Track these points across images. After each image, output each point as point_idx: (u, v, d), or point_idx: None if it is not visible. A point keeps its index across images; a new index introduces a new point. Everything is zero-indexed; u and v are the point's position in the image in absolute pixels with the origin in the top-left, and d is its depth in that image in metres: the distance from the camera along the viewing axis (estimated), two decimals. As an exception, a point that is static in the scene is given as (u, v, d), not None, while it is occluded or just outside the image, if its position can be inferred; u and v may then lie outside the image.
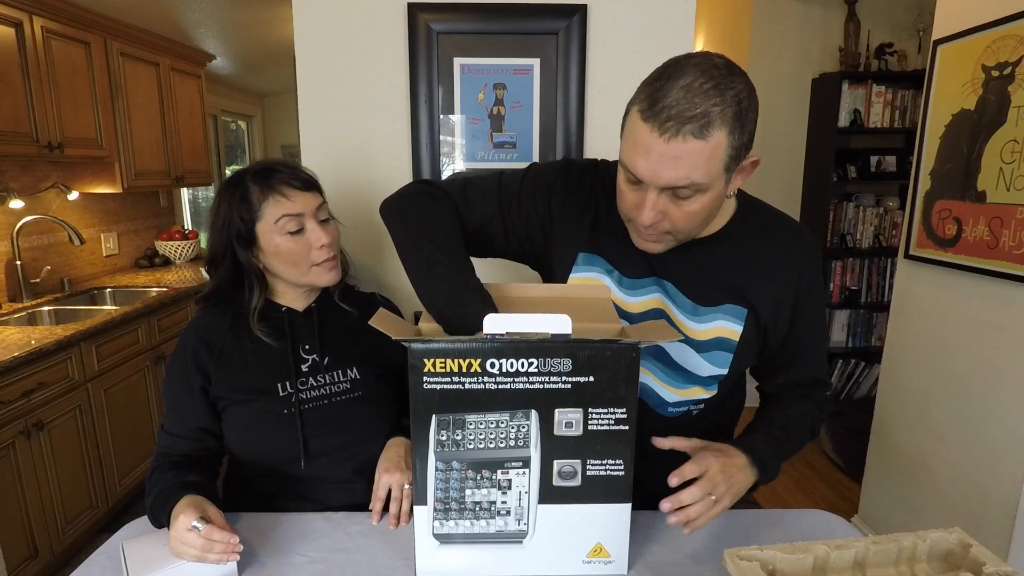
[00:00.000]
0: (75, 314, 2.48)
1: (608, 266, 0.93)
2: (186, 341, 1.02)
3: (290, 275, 1.03)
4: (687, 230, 0.82)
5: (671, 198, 0.77)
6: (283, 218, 0.98)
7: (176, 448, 1.00)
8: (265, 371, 1.01)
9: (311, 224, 1.01)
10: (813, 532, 0.91)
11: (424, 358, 0.72)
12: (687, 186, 0.74)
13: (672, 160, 0.72)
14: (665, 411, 0.95)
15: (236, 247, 1.00)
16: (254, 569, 0.83)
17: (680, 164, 0.72)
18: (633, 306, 0.92)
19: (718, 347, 0.90)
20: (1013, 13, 1.59)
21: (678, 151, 0.71)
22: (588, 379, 0.74)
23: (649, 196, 0.77)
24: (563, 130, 1.50)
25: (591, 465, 0.77)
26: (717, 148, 0.72)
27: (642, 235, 0.84)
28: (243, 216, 0.99)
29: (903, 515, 2.06)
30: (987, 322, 1.72)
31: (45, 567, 1.99)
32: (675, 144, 0.71)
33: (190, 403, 1.00)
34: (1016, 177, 1.58)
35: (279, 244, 0.99)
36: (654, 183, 0.75)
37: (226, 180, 1.04)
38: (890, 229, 3.13)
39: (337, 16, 1.44)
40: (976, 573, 0.67)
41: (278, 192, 0.99)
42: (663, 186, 0.75)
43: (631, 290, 0.92)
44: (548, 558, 0.80)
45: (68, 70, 2.49)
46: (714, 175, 0.74)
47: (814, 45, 3.12)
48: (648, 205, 0.77)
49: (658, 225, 0.80)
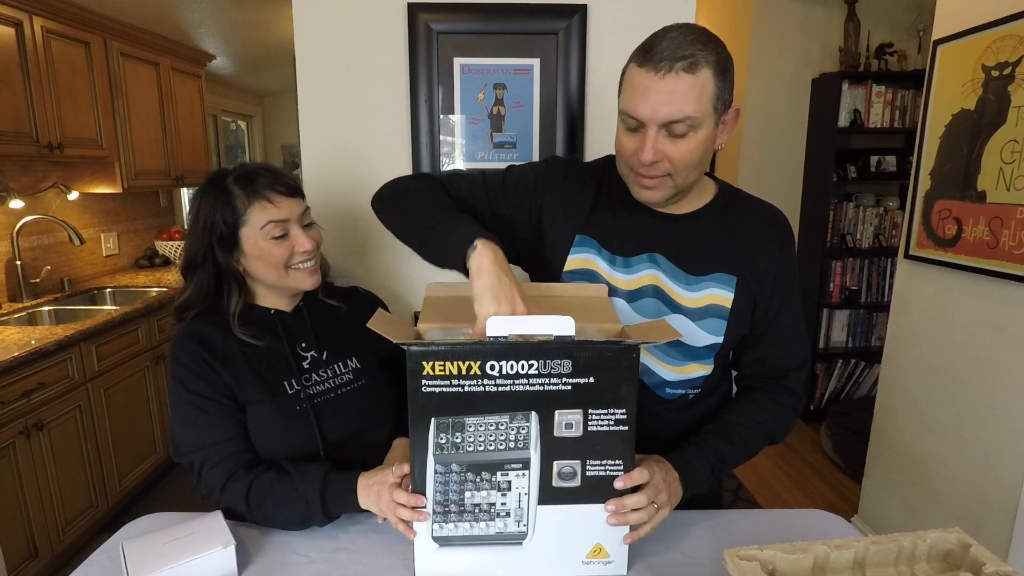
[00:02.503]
0: (75, 314, 2.48)
1: (601, 247, 0.97)
2: (184, 354, 0.98)
3: (270, 278, 1.02)
4: (684, 171, 0.86)
5: (668, 136, 0.84)
6: (269, 224, 0.98)
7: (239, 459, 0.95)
8: (270, 371, 1.01)
9: (295, 230, 1.01)
10: (813, 532, 0.91)
11: (423, 361, 0.72)
12: (682, 119, 0.81)
13: (668, 95, 0.81)
14: (663, 392, 0.97)
15: (217, 251, 0.99)
16: (254, 569, 0.83)
17: (675, 98, 0.81)
18: (628, 283, 0.95)
19: (712, 314, 0.93)
20: (1013, 13, 1.59)
21: (672, 86, 0.80)
22: (588, 380, 0.74)
23: (649, 135, 0.83)
24: (563, 130, 1.50)
25: (591, 466, 0.77)
26: (705, 85, 0.81)
27: (643, 181, 0.88)
28: (227, 220, 0.98)
29: (903, 515, 2.06)
30: (987, 322, 1.72)
31: (45, 567, 1.99)
32: (669, 80, 0.80)
33: (220, 413, 0.97)
34: (1016, 177, 1.58)
35: (263, 248, 0.99)
36: (653, 120, 0.82)
37: (205, 182, 1.01)
38: (890, 229, 3.13)
39: (337, 16, 1.44)
40: (976, 573, 0.67)
41: (264, 198, 0.98)
42: (661, 122, 0.82)
43: (625, 268, 0.95)
44: (548, 559, 0.80)
45: (68, 70, 2.49)
46: (704, 112, 0.82)
47: (814, 45, 3.12)
48: (648, 144, 0.84)
49: (658, 165, 0.85)
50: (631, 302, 0.95)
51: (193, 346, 0.98)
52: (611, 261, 0.96)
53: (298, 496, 0.89)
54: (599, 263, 0.96)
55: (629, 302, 0.95)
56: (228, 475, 0.93)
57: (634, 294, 0.95)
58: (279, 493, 0.90)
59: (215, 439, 0.95)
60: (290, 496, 0.90)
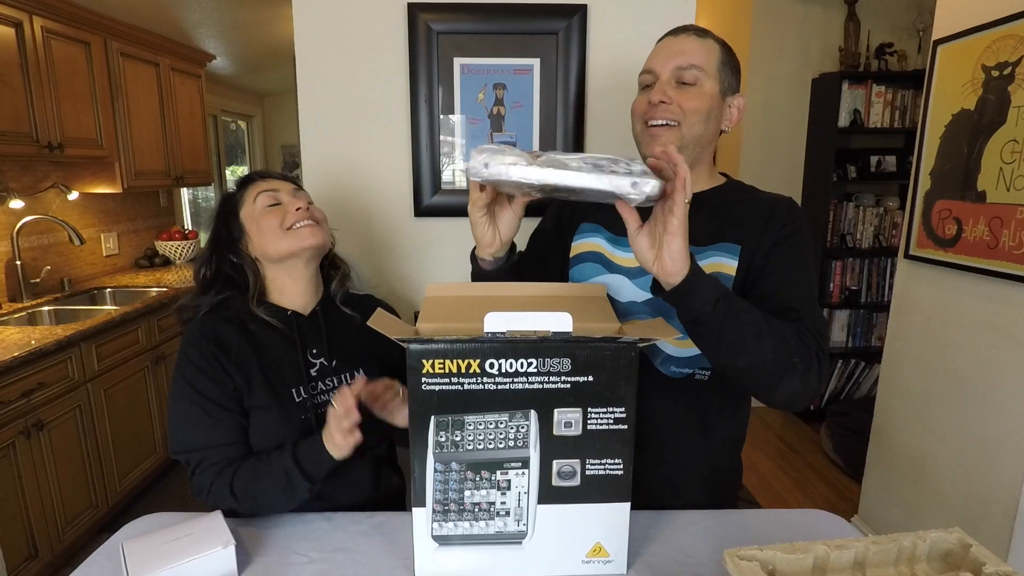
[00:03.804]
0: (75, 314, 2.48)
1: (605, 230, 1.03)
2: (199, 354, 0.97)
3: (273, 246, 1.02)
4: (692, 119, 0.91)
5: (678, 86, 0.92)
6: (260, 194, 1.05)
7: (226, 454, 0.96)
8: (279, 377, 1.01)
9: (287, 197, 1.06)
10: (813, 532, 0.91)
11: (423, 359, 0.72)
12: (689, 67, 0.91)
13: (679, 48, 0.93)
14: (668, 369, 0.96)
15: (224, 248, 1.05)
16: (254, 569, 0.83)
17: (684, 53, 0.92)
18: (631, 261, 0.97)
19: None
20: (1013, 13, 1.59)
21: (683, 45, 0.93)
22: (587, 379, 0.74)
23: (661, 80, 0.93)
24: (563, 130, 1.50)
25: (590, 465, 0.77)
26: (713, 51, 0.93)
27: (652, 131, 0.93)
28: (228, 219, 1.06)
29: (903, 515, 2.06)
30: (987, 322, 1.72)
31: (45, 567, 1.99)
32: (680, 39, 0.93)
33: (223, 417, 0.97)
34: (1016, 177, 1.58)
35: (259, 219, 1.04)
36: (665, 68, 0.92)
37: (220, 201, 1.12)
38: (890, 229, 3.14)
39: (337, 16, 1.44)
40: (976, 573, 0.67)
41: (258, 180, 1.08)
42: (672, 68, 0.92)
43: (629, 247, 0.92)
44: (547, 558, 0.80)
45: (68, 70, 2.49)
46: (711, 69, 0.92)
47: (814, 45, 3.13)
48: (659, 88, 0.92)
49: (668, 108, 0.91)
50: (633, 279, 0.96)
51: (210, 347, 0.97)
52: (614, 242, 1.01)
53: (276, 470, 0.92)
54: (603, 244, 1.01)
55: (633, 279, 0.96)
56: (218, 473, 0.94)
57: (637, 270, 0.96)
58: (259, 474, 0.93)
59: (215, 441, 0.95)
60: (269, 473, 0.92)
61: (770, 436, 3.16)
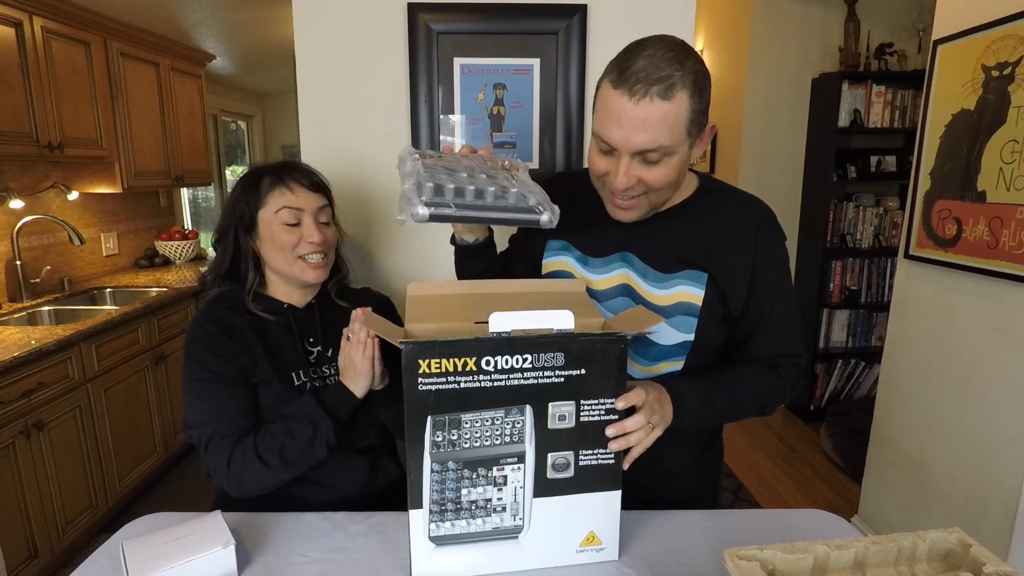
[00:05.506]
0: (75, 314, 2.48)
1: (575, 249, 1.01)
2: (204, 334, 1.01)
3: (278, 263, 1.06)
4: (660, 191, 0.87)
5: (642, 163, 0.83)
6: (283, 209, 1.03)
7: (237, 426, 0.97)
8: (280, 360, 1.04)
9: (308, 221, 1.05)
10: (813, 532, 0.91)
11: (419, 359, 0.72)
12: (655, 149, 0.81)
13: (641, 124, 0.79)
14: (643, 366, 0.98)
15: (239, 230, 1.06)
16: (254, 569, 0.83)
17: (648, 128, 0.79)
18: (600, 283, 0.97)
19: (682, 312, 0.93)
20: (1013, 13, 1.59)
21: (646, 114, 0.78)
22: (580, 372, 0.75)
23: (622, 162, 0.83)
24: (563, 130, 1.50)
25: (583, 456, 0.78)
26: (680, 110, 0.79)
27: (617, 203, 0.89)
28: (250, 202, 1.04)
29: (903, 515, 2.06)
30: (987, 322, 1.72)
31: (45, 567, 1.99)
32: (644, 106, 0.78)
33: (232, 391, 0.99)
34: (1016, 177, 1.58)
35: (274, 232, 1.04)
36: (627, 148, 0.82)
37: (244, 173, 1.11)
38: (890, 229, 3.13)
39: (337, 16, 1.44)
40: (976, 573, 0.67)
41: (285, 185, 1.05)
42: (635, 150, 0.81)
43: (598, 268, 0.97)
44: (543, 551, 0.81)
45: (68, 70, 2.49)
46: (678, 139, 0.81)
47: (814, 45, 3.13)
48: (622, 171, 0.84)
49: (632, 189, 0.86)
50: (602, 301, 0.97)
51: (213, 327, 1.01)
52: (583, 262, 1.00)
53: (300, 420, 0.94)
54: (572, 264, 1.00)
55: (601, 301, 0.97)
56: (235, 442, 0.95)
57: (605, 293, 0.97)
58: (283, 429, 0.95)
59: (226, 413, 0.97)
60: (295, 425, 0.94)
61: (770, 436, 3.16)
